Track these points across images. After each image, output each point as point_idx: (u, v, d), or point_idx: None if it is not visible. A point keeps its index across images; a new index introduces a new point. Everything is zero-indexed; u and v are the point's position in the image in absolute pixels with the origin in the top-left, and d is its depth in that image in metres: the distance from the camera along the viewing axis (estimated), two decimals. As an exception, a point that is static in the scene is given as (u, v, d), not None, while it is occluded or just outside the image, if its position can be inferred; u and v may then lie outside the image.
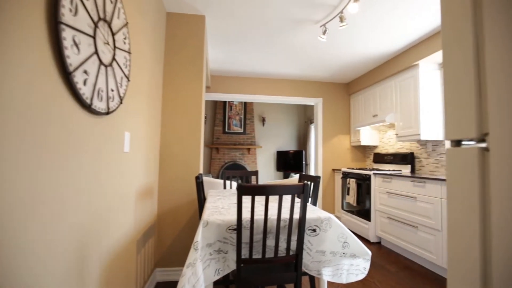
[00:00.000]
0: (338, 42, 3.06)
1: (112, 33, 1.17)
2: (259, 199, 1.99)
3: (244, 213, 1.49)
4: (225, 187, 2.77)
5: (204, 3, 2.31)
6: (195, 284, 1.22)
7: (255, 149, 7.13)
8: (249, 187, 1.29)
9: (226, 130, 7.08)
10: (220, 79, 4.30)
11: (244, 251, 1.42)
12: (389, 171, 3.46)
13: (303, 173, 6.72)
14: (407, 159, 3.50)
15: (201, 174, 2.13)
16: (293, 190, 1.35)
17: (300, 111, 7.62)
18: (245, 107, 7.20)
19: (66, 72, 0.84)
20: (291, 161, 6.89)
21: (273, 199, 1.99)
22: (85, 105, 0.97)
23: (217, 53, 3.42)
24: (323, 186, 4.52)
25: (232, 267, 1.40)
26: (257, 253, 1.45)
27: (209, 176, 4.48)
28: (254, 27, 2.74)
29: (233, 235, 1.39)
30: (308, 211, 1.61)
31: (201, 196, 1.81)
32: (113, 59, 1.19)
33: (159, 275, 2.27)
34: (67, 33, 0.82)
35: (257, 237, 1.42)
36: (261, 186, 1.30)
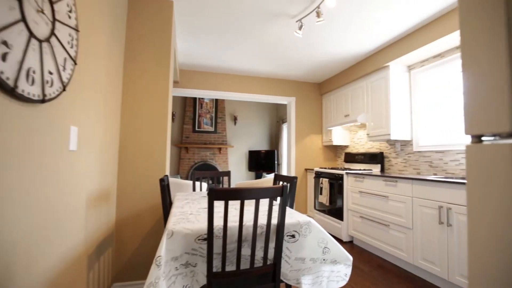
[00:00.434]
0: (312, 40, 3.00)
1: (50, 0, 0.93)
2: (233, 203, 1.83)
3: (216, 220, 1.32)
4: (194, 189, 2.56)
5: (171, -13, 2.09)
6: (157, 307, 1.03)
7: (226, 148, 6.93)
8: (222, 191, 1.12)
9: (196, 128, 6.78)
10: (189, 74, 4.04)
11: (216, 262, 1.25)
12: (360, 170, 3.50)
13: (276, 173, 6.66)
14: (377, 158, 3.57)
15: (167, 175, 1.91)
16: (271, 193, 1.22)
17: (272, 111, 7.58)
18: (217, 105, 6.97)
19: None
20: (263, 161, 6.80)
21: (248, 202, 1.84)
22: (6, 88, 0.73)
23: (186, 45, 3.18)
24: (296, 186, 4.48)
25: (202, 282, 1.23)
26: (230, 263, 1.29)
27: (177, 177, 4.21)
28: (226, 19, 2.57)
29: (203, 246, 1.21)
30: (286, 215, 1.49)
31: (167, 200, 1.61)
32: (52, 33, 0.95)
33: (117, 290, 2.00)
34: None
35: (231, 247, 1.26)
36: (235, 189, 1.14)
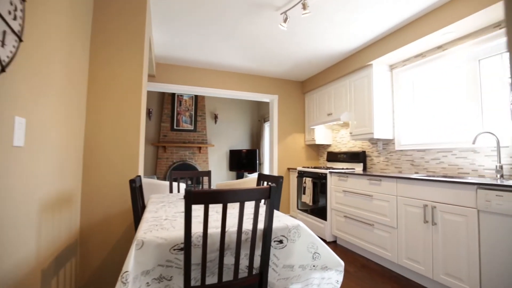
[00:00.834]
0: (296, 36, 2.91)
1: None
2: (215, 205, 1.67)
3: (194, 226, 1.16)
4: (171, 191, 2.37)
5: (146, -33, 1.90)
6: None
7: (206, 148, 6.71)
8: (201, 194, 0.97)
9: (174, 127, 6.50)
10: (167, 68, 3.81)
11: (194, 274, 1.09)
12: (343, 169, 3.47)
13: (259, 172, 6.56)
14: (360, 157, 3.56)
15: (139, 176, 1.71)
16: (258, 194, 1.08)
17: (253, 109, 7.46)
18: (196, 103, 6.73)
19: None
20: (244, 161, 6.66)
21: (231, 205, 1.69)
22: None
23: (164, 36, 2.97)
24: (278, 185, 4.39)
25: (178, 297, 1.07)
26: (211, 274, 1.14)
27: (154, 177, 3.96)
28: (207, 8, 2.40)
29: (180, 256, 1.05)
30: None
31: (138, 204, 1.42)
32: (-16, -3, 0.75)
33: (82, 306, 1.78)
34: None
35: (212, 256, 1.11)
36: (217, 191, 1.00)
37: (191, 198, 0.95)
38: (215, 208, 1.59)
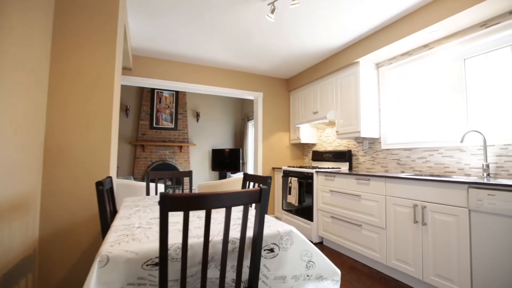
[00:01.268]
0: (283, 30, 2.79)
1: None
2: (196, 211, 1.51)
3: (172, 236, 1.00)
4: (148, 193, 2.16)
5: None
6: None
7: (188, 147, 6.46)
8: (180, 199, 0.81)
9: (154, 125, 6.20)
10: (145, 61, 3.56)
11: (172, 291, 0.93)
12: (329, 168, 3.40)
13: (244, 172, 6.41)
14: (345, 156, 3.51)
15: (109, 177, 1.51)
16: (247, 198, 0.94)
17: (237, 107, 7.29)
18: (177, 100, 6.46)
19: None
20: (227, 160, 6.48)
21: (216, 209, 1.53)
22: None
23: (141, 26, 2.74)
24: (263, 185, 4.26)
25: (152, 321, 0.90)
26: (192, 291, 0.98)
27: (130, 178, 3.70)
28: (189, -6, 2.22)
29: (155, 273, 0.89)
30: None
31: (106, 210, 1.23)
32: None
33: (41, 326, 1.54)
34: None
35: (193, 270, 0.95)
36: (199, 196, 0.84)
37: (168, 203, 0.79)
38: (197, 212, 1.43)
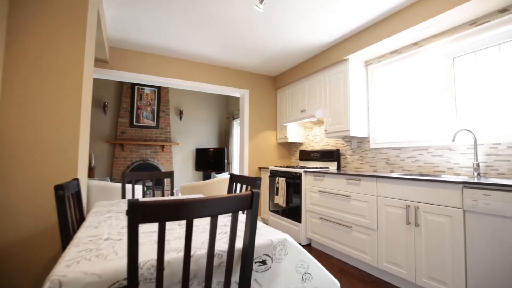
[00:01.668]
0: (272, 24, 2.66)
1: None
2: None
3: (146, 250, 0.84)
4: (124, 196, 1.96)
5: None
6: None
7: (170, 146, 6.20)
8: (153, 207, 0.66)
9: (134, 123, 5.89)
10: (124, 53, 3.32)
11: (146, 316, 0.77)
12: (317, 168, 3.32)
13: (231, 172, 6.24)
14: (333, 156, 3.44)
15: (76, 180, 1.31)
16: (236, 204, 0.80)
17: (222, 106, 7.10)
18: (159, 97, 6.18)
19: None
20: (212, 160, 6.29)
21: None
22: None
23: (118, 14, 2.51)
24: (249, 186, 4.12)
25: None
26: (170, 313, 0.83)
27: (106, 179, 3.44)
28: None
29: (123, 297, 0.72)
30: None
31: (67, 219, 1.04)
32: None
33: None
34: None
35: (172, 290, 0.80)
36: (178, 203, 0.69)
37: (138, 214, 0.64)
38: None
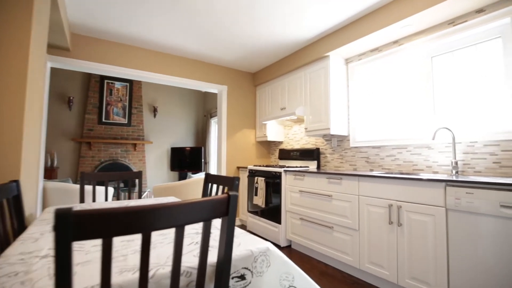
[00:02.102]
0: (255, 16, 2.52)
1: None
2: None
3: (89, 272, 0.66)
4: (83, 200, 1.72)
5: None
6: None
7: (143, 145, 5.86)
8: (91, 218, 0.49)
9: (103, 119, 5.49)
10: (89, 42, 3.01)
11: None
12: (297, 167, 3.24)
13: (207, 172, 6.03)
14: (314, 154, 3.38)
15: (14, 182, 1.08)
16: (210, 211, 0.64)
17: (199, 103, 6.85)
18: (131, 92, 5.81)
19: None
20: (188, 160, 6.03)
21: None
22: None
23: (79, -6, 2.24)
24: (227, 186, 3.95)
25: None
26: None
27: (68, 181, 3.11)
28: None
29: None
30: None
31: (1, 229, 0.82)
32: None
33: None
34: None
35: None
36: (129, 211, 0.52)
37: (70, 227, 0.46)
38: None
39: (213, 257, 0.75)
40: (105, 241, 0.50)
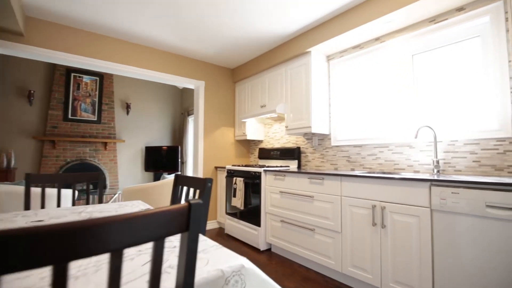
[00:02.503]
0: (237, 7, 2.36)
1: None
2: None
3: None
4: (28, 206, 1.47)
5: None
6: None
7: (115, 143, 5.48)
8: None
9: (69, 116, 5.06)
10: (48, 27, 2.68)
11: None
12: (277, 167, 3.12)
13: (178, 173, 5.75)
14: (294, 154, 3.27)
15: None
16: (161, 227, 0.48)
17: (176, 101, 6.55)
18: (101, 88, 5.42)
19: None
20: (164, 159, 5.74)
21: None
22: None
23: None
24: (204, 187, 3.75)
25: None
26: None
27: (21, 183, 2.76)
28: None
29: None
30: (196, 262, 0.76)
31: None
32: None
33: None
34: None
35: None
36: (33, 232, 0.35)
37: None
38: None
39: (170, 283, 0.58)
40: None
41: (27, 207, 1.44)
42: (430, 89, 2.26)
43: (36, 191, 2.58)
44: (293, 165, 3.28)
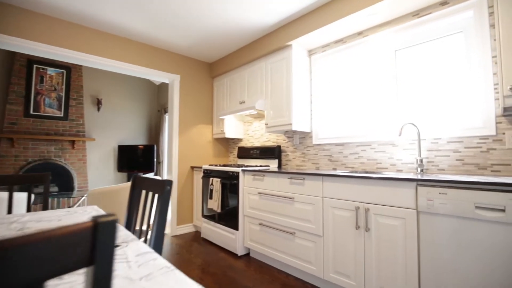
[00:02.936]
0: (205, -13, 2.16)
1: None
2: None
3: None
4: None
5: None
6: None
7: (84, 142, 5.08)
8: None
9: (31, 111, 4.61)
10: (7, 10, 2.35)
11: None
12: (257, 166, 2.95)
13: (136, 174, 5.46)
14: (275, 153, 3.13)
15: None
16: (40, 262, 0.29)
17: (152, 97, 6.22)
18: (69, 81, 4.99)
19: None
20: (140, 159, 5.41)
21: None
22: None
23: None
24: (179, 189, 3.52)
25: None
26: None
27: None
28: None
29: None
30: None
31: None
32: None
33: None
34: None
35: None
36: None
37: None
38: None
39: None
40: None
41: None
42: (413, 86, 2.19)
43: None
44: (273, 164, 3.13)
